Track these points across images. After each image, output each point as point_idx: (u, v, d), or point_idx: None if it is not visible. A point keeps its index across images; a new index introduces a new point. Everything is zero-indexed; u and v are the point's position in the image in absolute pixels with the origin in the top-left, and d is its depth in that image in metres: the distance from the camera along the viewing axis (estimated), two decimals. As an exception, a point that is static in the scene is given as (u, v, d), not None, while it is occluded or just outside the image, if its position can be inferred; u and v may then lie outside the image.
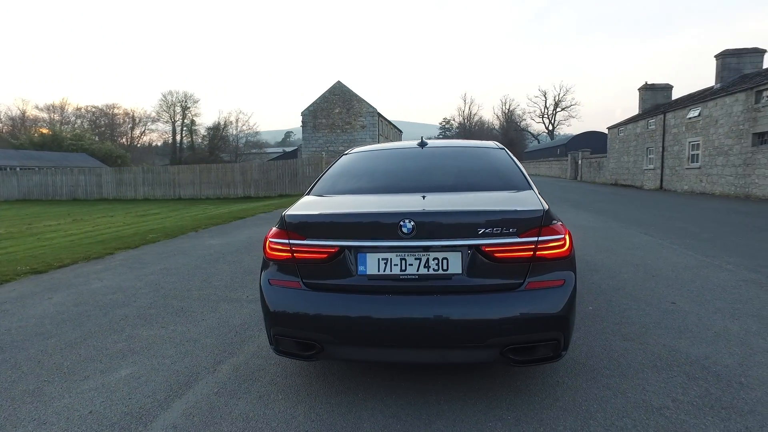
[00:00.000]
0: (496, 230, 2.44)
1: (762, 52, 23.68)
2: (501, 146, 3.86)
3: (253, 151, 62.90)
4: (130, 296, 5.19)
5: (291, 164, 26.07)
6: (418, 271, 2.45)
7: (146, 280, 5.95)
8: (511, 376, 3.02)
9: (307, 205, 2.89)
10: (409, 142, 3.97)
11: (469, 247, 2.44)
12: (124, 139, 72.66)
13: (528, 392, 2.82)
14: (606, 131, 35.71)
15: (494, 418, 2.55)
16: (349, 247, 2.49)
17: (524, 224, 2.48)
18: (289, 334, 2.56)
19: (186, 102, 67.68)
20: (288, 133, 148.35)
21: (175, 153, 66.50)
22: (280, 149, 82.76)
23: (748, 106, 18.55)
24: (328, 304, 2.48)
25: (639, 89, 33.16)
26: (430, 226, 2.44)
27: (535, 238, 2.47)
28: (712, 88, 24.30)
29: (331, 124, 41.01)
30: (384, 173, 3.42)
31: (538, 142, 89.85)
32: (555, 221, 2.58)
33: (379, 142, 41.29)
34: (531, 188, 3.07)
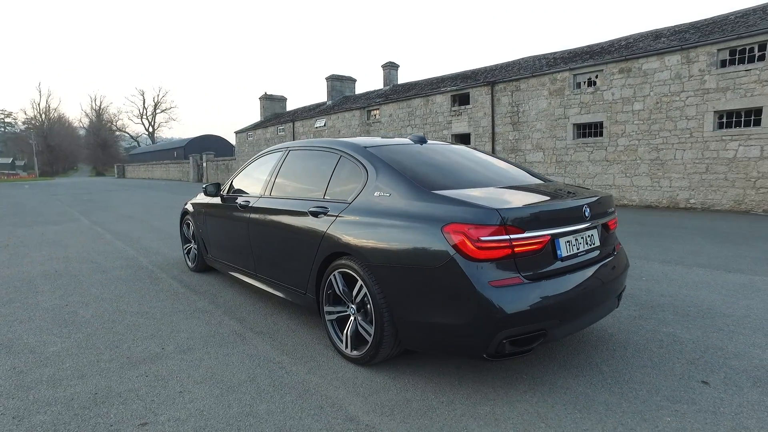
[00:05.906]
0: (610, 210, 3.22)
1: (354, 80, 30.80)
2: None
3: None
4: None
5: None
6: (584, 248, 2.88)
7: None
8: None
9: (495, 200, 2.75)
10: (402, 139, 3.85)
11: (600, 224, 3.06)
12: None
13: (592, 340, 3.27)
14: (224, 135, 37.60)
15: (603, 358, 2.89)
16: (554, 235, 2.69)
17: (612, 204, 3.30)
18: (518, 333, 2.49)
19: None
20: None
21: None
22: None
23: (362, 121, 23.86)
24: (552, 289, 2.59)
25: (260, 98, 36.54)
26: (593, 210, 2.95)
27: (616, 214, 3.31)
28: (326, 103, 29.65)
29: None
30: (458, 166, 3.43)
31: (138, 144, 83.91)
32: None
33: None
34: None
